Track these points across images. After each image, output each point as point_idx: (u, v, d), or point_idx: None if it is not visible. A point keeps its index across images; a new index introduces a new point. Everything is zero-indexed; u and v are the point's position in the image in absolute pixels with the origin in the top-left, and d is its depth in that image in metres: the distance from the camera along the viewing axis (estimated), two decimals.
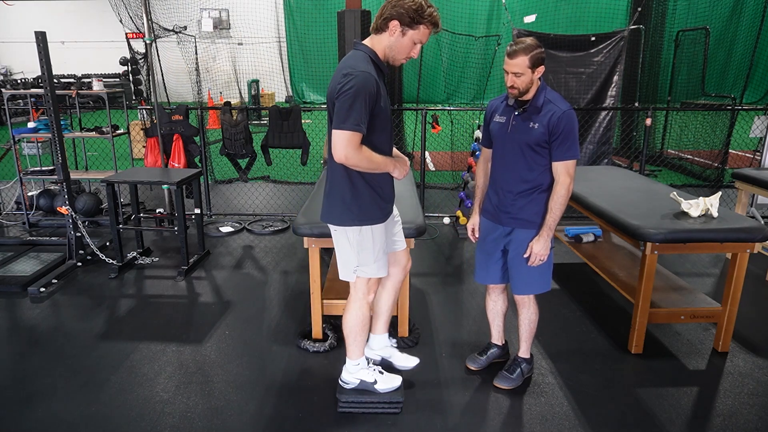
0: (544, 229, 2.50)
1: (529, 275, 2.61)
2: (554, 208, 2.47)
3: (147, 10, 4.85)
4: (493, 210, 2.64)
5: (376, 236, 2.39)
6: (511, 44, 2.41)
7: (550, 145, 2.43)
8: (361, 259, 2.42)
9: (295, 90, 18.14)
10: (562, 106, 2.41)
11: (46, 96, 4.10)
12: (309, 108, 7.82)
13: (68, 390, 2.79)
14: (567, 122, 2.38)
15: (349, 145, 2.09)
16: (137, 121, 7.36)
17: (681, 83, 8.37)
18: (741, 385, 2.85)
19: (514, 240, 2.60)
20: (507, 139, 2.52)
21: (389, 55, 2.24)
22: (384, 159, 2.25)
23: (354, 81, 2.07)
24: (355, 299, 2.53)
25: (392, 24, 2.15)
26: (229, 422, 2.55)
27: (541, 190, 2.52)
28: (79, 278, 4.21)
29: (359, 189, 2.30)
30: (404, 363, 2.79)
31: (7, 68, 18.03)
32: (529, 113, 2.45)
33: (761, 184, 4.24)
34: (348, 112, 2.06)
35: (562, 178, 2.45)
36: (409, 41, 2.20)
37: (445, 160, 8.61)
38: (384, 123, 2.26)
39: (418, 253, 4.71)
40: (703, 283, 4.17)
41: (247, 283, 4.14)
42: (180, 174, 4.42)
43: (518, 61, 2.35)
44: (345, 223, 2.36)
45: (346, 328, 2.57)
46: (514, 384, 2.79)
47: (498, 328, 2.96)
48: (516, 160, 2.51)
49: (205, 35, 17.30)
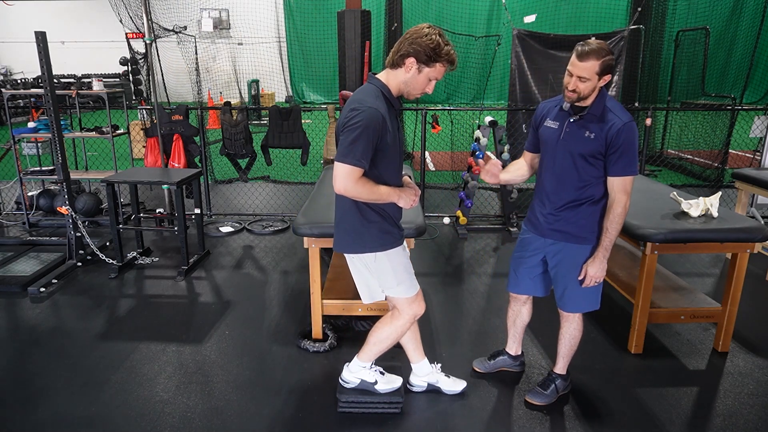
0: (600, 250, 2.36)
1: (578, 293, 2.49)
2: (610, 228, 2.31)
3: (147, 10, 4.84)
4: (537, 221, 2.51)
5: (393, 260, 2.37)
6: (581, 44, 2.21)
7: (606, 158, 2.27)
8: (383, 284, 2.42)
9: (295, 90, 18.15)
10: (624, 117, 2.23)
11: (46, 96, 4.10)
12: (309, 108, 7.82)
13: (68, 390, 2.79)
14: (627, 135, 2.21)
15: (348, 178, 2.11)
16: (137, 121, 7.36)
17: (681, 83, 8.37)
18: (741, 385, 2.85)
19: (562, 255, 2.47)
20: (558, 147, 2.36)
21: (404, 90, 2.24)
22: (387, 190, 2.23)
23: (360, 117, 2.08)
24: (398, 317, 2.49)
25: (408, 61, 2.15)
26: (229, 422, 2.55)
27: (590, 202, 2.36)
28: (79, 278, 4.21)
29: (368, 217, 2.30)
30: (452, 388, 2.76)
31: (7, 68, 18.04)
32: (586, 121, 2.28)
33: (761, 184, 4.24)
34: (350, 146, 2.08)
35: (618, 196, 2.29)
36: (424, 78, 2.19)
37: (445, 160, 8.61)
38: (391, 156, 2.25)
39: (418, 253, 4.71)
40: (703, 283, 4.17)
41: (247, 283, 4.14)
42: (180, 174, 4.42)
43: (587, 65, 2.18)
44: (358, 250, 2.36)
45: (377, 335, 2.52)
46: (547, 400, 2.66)
47: (514, 337, 2.88)
48: (566, 170, 2.35)
49: (205, 35, 17.30)
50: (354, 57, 8.01)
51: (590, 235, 2.41)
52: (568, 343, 2.65)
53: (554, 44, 6.16)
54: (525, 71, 6.25)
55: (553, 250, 2.50)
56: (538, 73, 6.24)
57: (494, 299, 3.87)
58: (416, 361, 2.75)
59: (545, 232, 2.49)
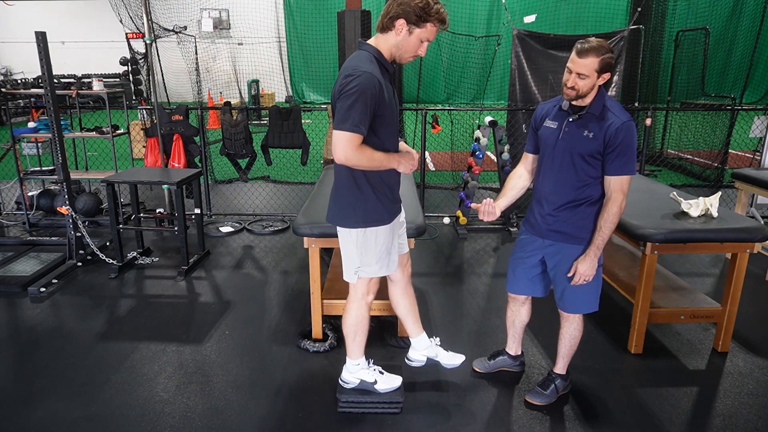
0: (591, 248, 2.35)
1: (578, 294, 2.49)
2: (603, 227, 2.31)
3: (147, 10, 4.85)
4: (535, 222, 2.52)
5: (380, 237, 2.38)
6: (581, 41, 2.22)
7: (604, 158, 2.27)
8: (363, 260, 2.42)
9: (295, 90, 18.15)
10: (622, 116, 2.24)
11: (46, 96, 4.10)
12: (309, 108, 7.82)
13: (68, 390, 2.79)
14: (626, 134, 2.21)
15: (348, 145, 2.08)
16: (137, 121, 7.36)
17: (681, 83, 8.37)
18: (741, 385, 2.85)
19: (561, 255, 2.47)
20: (557, 147, 2.36)
21: (396, 54, 2.21)
22: (387, 156, 2.22)
23: (356, 81, 2.06)
24: (354, 299, 2.53)
25: (398, 23, 2.12)
26: (229, 422, 2.56)
27: (589, 203, 2.36)
28: (79, 278, 4.21)
29: (364, 191, 2.29)
30: (450, 361, 2.76)
31: (8, 68, 18.03)
32: (585, 120, 2.28)
33: (761, 184, 4.24)
34: (348, 112, 2.06)
35: (615, 195, 2.28)
36: (416, 40, 2.16)
37: (445, 160, 8.60)
38: (389, 121, 2.24)
39: (418, 253, 4.71)
40: (703, 283, 4.17)
41: (247, 283, 4.14)
42: (180, 174, 4.42)
43: (587, 62, 2.18)
44: (350, 224, 2.35)
45: (345, 328, 2.57)
46: (547, 400, 2.66)
47: (514, 337, 2.88)
48: (564, 170, 2.35)
49: (205, 35, 17.29)
50: None
51: (588, 235, 2.40)
52: (568, 343, 2.65)
53: (554, 44, 6.16)
54: (525, 71, 6.25)
55: (552, 251, 2.50)
56: (538, 73, 6.24)
57: (494, 299, 3.87)
58: (415, 335, 2.74)
59: (544, 233, 2.49)
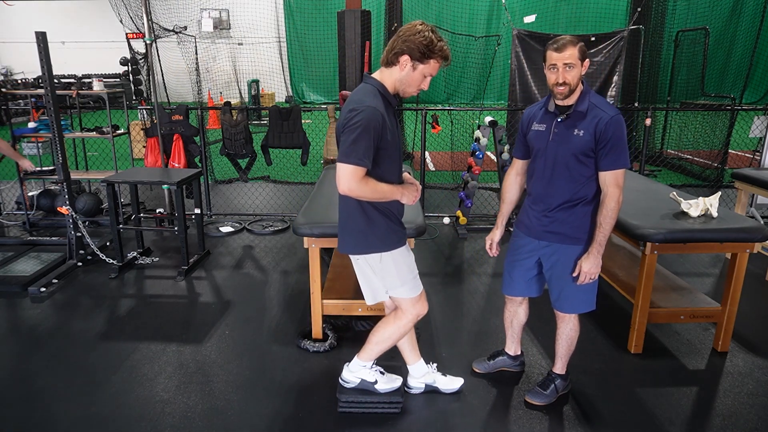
0: (594, 246, 2.33)
1: (575, 294, 2.48)
2: (604, 223, 2.29)
3: (147, 10, 4.85)
4: (530, 223, 2.50)
5: (398, 261, 2.38)
6: (553, 42, 2.25)
7: (596, 154, 2.27)
8: (387, 284, 2.42)
9: (295, 90, 18.15)
10: (610, 111, 2.24)
11: (46, 96, 4.10)
12: (309, 108, 7.82)
13: (68, 390, 2.79)
14: (616, 128, 2.22)
15: (352, 178, 2.10)
16: (137, 121, 7.36)
17: (681, 83, 8.37)
18: (741, 385, 2.85)
19: (557, 256, 2.46)
20: (548, 148, 2.36)
21: (399, 88, 2.24)
22: (390, 188, 2.24)
23: (360, 116, 2.09)
24: (402, 317, 2.49)
25: (403, 59, 2.16)
26: (229, 422, 2.56)
27: (584, 202, 2.36)
28: (79, 278, 4.22)
29: (373, 218, 2.30)
30: (448, 386, 2.76)
31: (8, 68, 18.03)
32: (573, 119, 2.29)
33: (761, 184, 4.24)
34: (352, 146, 2.08)
35: (611, 190, 2.27)
36: (419, 75, 2.20)
37: (445, 160, 8.61)
38: (391, 154, 2.26)
39: (418, 253, 4.71)
40: (703, 283, 4.17)
41: (247, 283, 4.14)
42: (180, 174, 4.42)
43: (569, 53, 2.20)
44: (363, 251, 2.36)
45: (379, 335, 2.52)
46: (547, 400, 2.66)
47: (512, 338, 2.88)
48: (558, 171, 2.35)
49: (205, 35, 17.29)
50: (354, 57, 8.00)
51: (585, 235, 2.40)
52: (566, 343, 2.64)
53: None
54: (525, 71, 6.25)
55: (548, 251, 2.49)
56: (538, 73, 6.24)
57: (494, 299, 3.87)
58: (413, 362, 2.75)
59: (539, 235, 2.48)
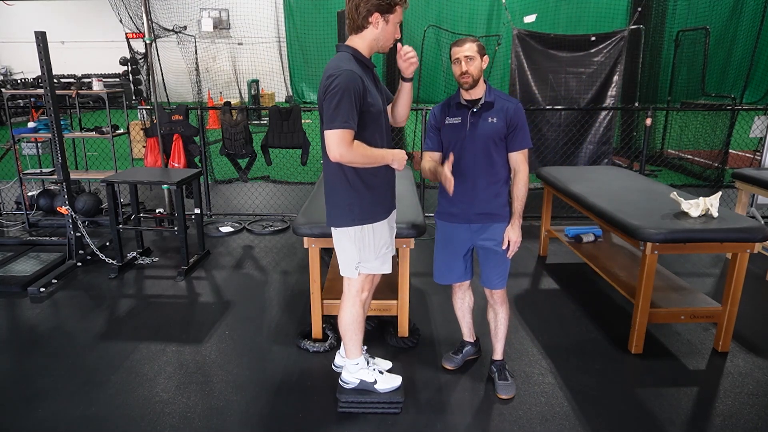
0: (515, 216, 2.60)
1: (503, 268, 2.71)
2: (520, 196, 2.58)
3: (147, 10, 4.85)
4: (459, 212, 2.67)
5: (377, 234, 2.42)
6: (454, 42, 2.54)
7: (507, 137, 2.57)
8: (362, 256, 2.44)
9: (295, 90, 18.13)
10: (513, 101, 2.58)
11: (46, 96, 4.10)
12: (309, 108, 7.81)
13: (68, 390, 2.79)
14: (521, 114, 2.56)
15: (341, 143, 2.12)
16: (137, 121, 7.35)
17: (681, 83, 8.37)
18: (741, 385, 2.85)
19: (487, 235, 2.65)
20: (467, 138, 2.57)
21: (377, 47, 2.30)
22: (380, 151, 2.27)
23: (338, 80, 2.11)
24: (349, 297, 2.54)
25: (374, 17, 2.21)
26: (229, 422, 2.55)
27: (503, 182, 2.63)
28: (79, 278, 4.21)
29: (358, 188, 2.32)
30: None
31: (7, 68, 18.03)
32: (484, 110, 2.55)
33: (761, 184, 4.24)
34: (335, 111, 2.10)
35: (522, 167, 2.58)
36: (392, 27, 2.27)
37: None
38: (375, 117, 2.27)
39: (418, 253, 4.70)
40: (703, 283, 4.16)
41: (247, 283, 4.14)
42: (180, 174, 4.42)
43: (468, 47, 2.47)
44: (347, 224, 2.38)
45: (341, 327, 2.58)
46: (515, 387, 2.78)
47: (468, 324, 3.02)
48: (479, 157, 2.57)
49: (205, 35, 17.29)
50: None
51: (506, 211, 2.64)
52: (504, 326, 2.82)
53: (554, 44, 6.16)
54: (525, 71, 6.25)
55: (480, 232, 2.67)
56: (538, 73, 6.24)
57: None
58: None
59: (472, 218, 2.65)
